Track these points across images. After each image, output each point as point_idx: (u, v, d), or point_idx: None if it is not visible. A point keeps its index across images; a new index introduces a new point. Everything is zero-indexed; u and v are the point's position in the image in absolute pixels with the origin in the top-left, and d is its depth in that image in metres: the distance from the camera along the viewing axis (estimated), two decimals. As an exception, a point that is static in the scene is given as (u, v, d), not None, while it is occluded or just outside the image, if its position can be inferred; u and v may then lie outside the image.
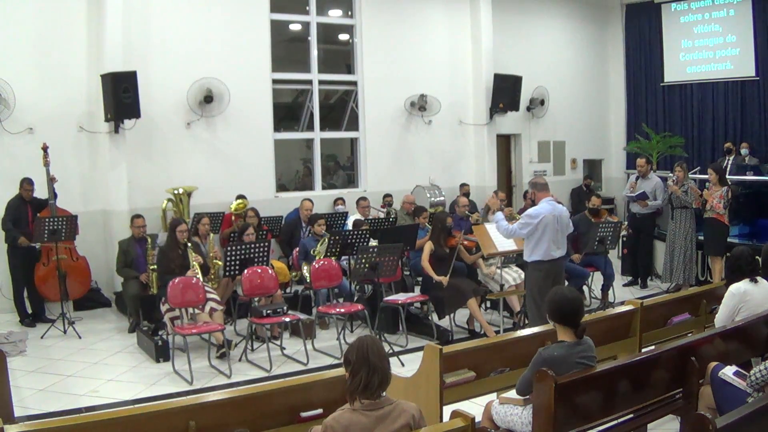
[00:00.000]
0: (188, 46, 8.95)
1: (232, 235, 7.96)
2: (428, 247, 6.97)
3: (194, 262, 6.63)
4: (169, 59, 8.80)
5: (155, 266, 6.99)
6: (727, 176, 8.57)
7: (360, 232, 7.43)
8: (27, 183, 7.35)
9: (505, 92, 11.13)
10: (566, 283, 7.26)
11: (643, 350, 4.46)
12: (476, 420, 2.98)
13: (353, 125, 10.83)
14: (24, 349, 6.40)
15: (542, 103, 12.13)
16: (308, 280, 7.12)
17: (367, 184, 10.67)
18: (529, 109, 12.14)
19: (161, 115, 8.79)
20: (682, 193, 8.04)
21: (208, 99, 8.93)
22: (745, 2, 11.89)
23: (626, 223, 9.10)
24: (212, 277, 7.06)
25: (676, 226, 8.18)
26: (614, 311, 4.98)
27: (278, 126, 10.38)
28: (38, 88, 7.98)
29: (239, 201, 8.81)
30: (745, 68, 12.01)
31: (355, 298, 7.21)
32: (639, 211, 8.84)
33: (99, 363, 6.14)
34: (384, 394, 2.75)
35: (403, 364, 5.92)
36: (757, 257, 4.60)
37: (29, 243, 7.24)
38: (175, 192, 8.64)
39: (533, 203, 5.95)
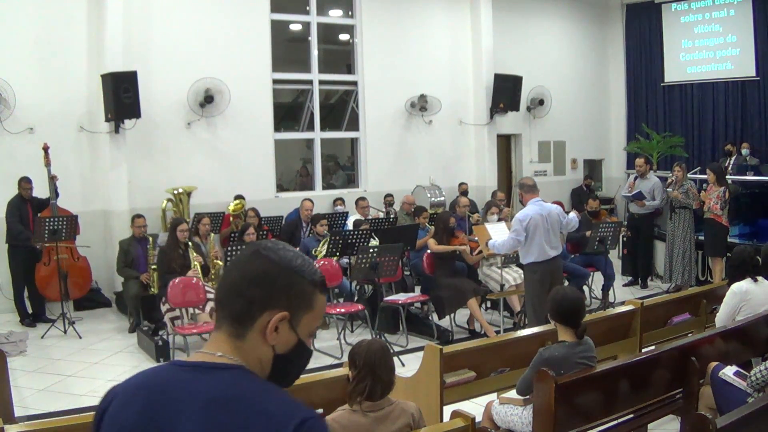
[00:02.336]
0: (188, 46, 8.95)
1: (232, 235, 7.96)
2: (432, 240, 7.01)
3: (195, 262, 6.63)
4: (169, 59, 8.80)
5: (156, 266, 7.00)
6: (728, 176, 8.56)
7: (360, 232, 7.43)
8: (25, 182, 7.35)
9: (506, 92, 11.12)
10: (566, 282, 7.29)
11: (644, 350, 4.46)
12: (476, 420, 2.98)
13: (353, 125, 10.83)
14: (24, 349, 6.40)
15: (541, 102, 12.12)
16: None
17: (368, 184, 10.67)
18: (529, 109, 12.13)
19: (161, 115, 8.79)
20: (682, 196, 8.03)
21: (208, 99, 8.93)
22: (745, 2, 11.88)
23: (625, 224, 9.09)
24: (213, 277, 7.06)
25: (675, 226, 8.18)
26: (614, 311, 4.99)
27: (278, 126, 10.38)
28: (39, 88, 7.98)
29: (237, 202, 8.80)
30: (746, 68, 12.00)
31: (356, 298, 7.21)
32: (638, 211, 8.83)
33: (99, 363, 6.14)
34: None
35: (403, 364, 5.91)
36: (757, 257, 4.61)
37: (41, 244, 7.22)
38: (175, 192, 8.64)
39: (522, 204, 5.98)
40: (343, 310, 6.64)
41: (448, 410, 3.37)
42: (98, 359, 6.24)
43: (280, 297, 1.30)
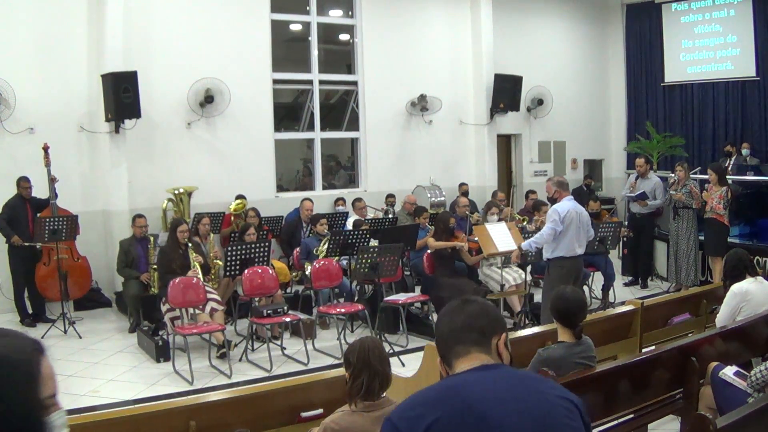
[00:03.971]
0: (188, 46, 8.95)
1: (232, 234, 7.96)
2: (432, 240, 7.02)
3: (195, 262, 6.63)
4: (169, 59, 8.80)
5: (156, 266, 7.00)
6: (728, 176, 8.56)
7: (360, 232, 7.43)
8: (24, 181, 7.35)
9: (506, 92, 11.12)
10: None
11: (644, 350, 4.46)
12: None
13: (354, 125, 10.83)
14: (24, 349, 6.39)
15: (540, 102, 12.11)
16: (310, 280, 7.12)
17: (368, 184, 10.67)
18: (529, 109, 12.13)
19: (161, 115, 8.79)
20: (685, 197, 8.03)
21: (209, 99, 8.93)
22: (745, 2, 11.88)
23: (626, 224, 9.09)
24: (213, 277, 7.07)
25: (679, 226, 8.17)
26: (615, 311, 4.99)
27: (278, 126, 10.37)
28: (39, 88, 7.98)
29: (238, 201, 8.81)
30: (746, 68, 12.00)
31: (356, 298, 7.21)
32: (639, 211, 8.84)
33: (99, 363, 6.14)
34: (384, 394, 2.74)
35: (403, 364, 5.92)
36: (758, 258, 4.60)
37: (22, 242, 7.20)
38: (176, 192, 8.64)
39: (554, 201, 6.07)
40: (343, 310, 6.64)
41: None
42: (98, 359, 6.24)
43: (500, 323, 1.80)
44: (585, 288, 7.55)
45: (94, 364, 6.09)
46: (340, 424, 2.64)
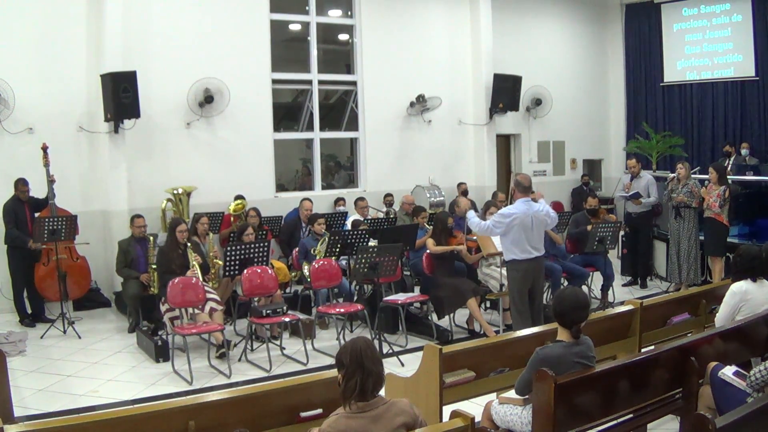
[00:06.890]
0: (188, 46, 8.95)
1: (231, 235, 7.96)
2: (431, 240, 7.02)
3: (194, 262, 6.63)
4: (169, 59, 8.80)
5: (156, 266, 6.99)
6: (728, 176, 8.57)
7: (359, 232, 7.43)
8: (22, 184, 7.34)
9: (505, 92, 11.12)
10: (565, 282, 7.33)
11: (643, 350, 4.46)
12: (476, 420, 2.98)
13: (353, 125, 10.83)
14: (24, 349, 6.40)
15: (539, 103, 12.11)
16: (309, 280, 7.12)
17: (367, 184, 10.67)
18: (528, 109, 12.13)
19: (161, 115, 8.79)
20: (686, 197, 8.04)
21: (208, 99, 8.93)
22: (745, 3, 11.88)
23: (623, 222, 9.11)
24: (212, 277, 7.06)
25: (680, 226, 8.17)
26: (614, 311, 4.98)
27: (278, 126, 10.38)
28: (38, 88, 7.98)
29: (237, 202, 8.81)
30: (745, 68, 12.00)
31: (355, 298, 7.21)
32: (635, 211, 8.88)
33: (99, 363, 6.14)
34: (378, 393, 2.74)
35: (402, 364, 5.93)
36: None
37: (40, 246, 7.18)
38: (175, 192, 8.64)
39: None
40: (342, 310, 6.64)
41: (447, 410, 3.36)
42: (97, 359, 6.24)
43: None
44: (585, 288, 7.57)
45: (93, 364, 6.09)
46: (337, 428, 2.63)
